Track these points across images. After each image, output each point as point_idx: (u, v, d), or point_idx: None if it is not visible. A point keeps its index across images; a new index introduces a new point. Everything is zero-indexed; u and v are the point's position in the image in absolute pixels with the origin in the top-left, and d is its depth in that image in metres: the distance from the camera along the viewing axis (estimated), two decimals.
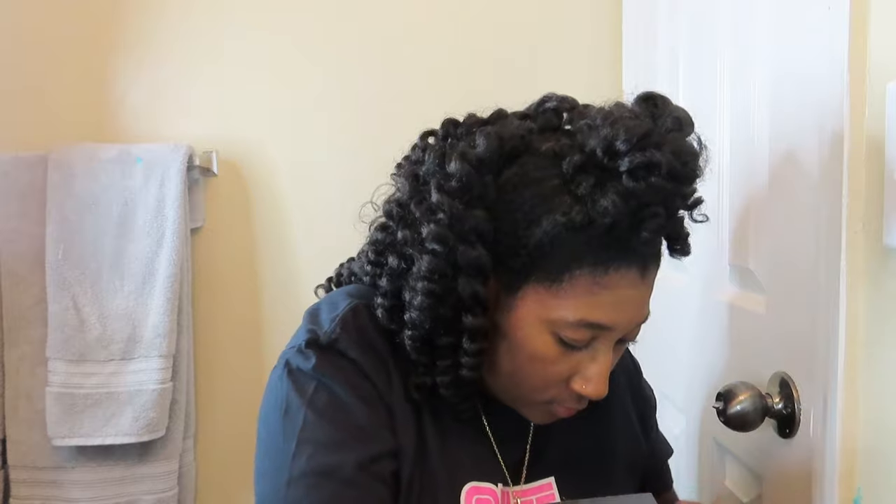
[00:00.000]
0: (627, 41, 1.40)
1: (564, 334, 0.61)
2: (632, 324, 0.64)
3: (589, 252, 0.59)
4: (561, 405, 0.66)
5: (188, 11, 1.46)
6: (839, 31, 0.60)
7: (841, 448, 0.61)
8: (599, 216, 0.57)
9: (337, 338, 0.64)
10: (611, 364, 0.64)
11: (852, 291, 0.60)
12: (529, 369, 0.64)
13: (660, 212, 0.58)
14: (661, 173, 0.56)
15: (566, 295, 0.60)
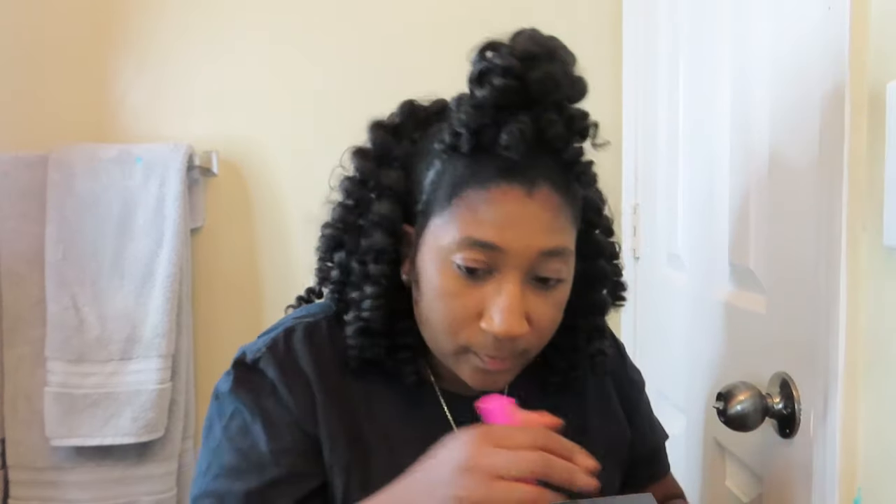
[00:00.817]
0: (627, 41, 1.40)
1: (458, 259, 0.61)
2: (530, 248, 0.60)
3: (468, 173, 0.61)
4: (481, 353, 0.63)
5: (188, 11, 1.46)
6: (839, 31, 0.60)
7: (841, 448, 0.61)
8: (462, 130, 0.60)
9: (260, 357, 0.68)
10: (520, 300, 0.61)
11: (852, 291, 0.60)
12: (438, 308, 0.63)
13: (514, 114, 0.59)
14: (499, 73, 0.58)
15: (454, 218, 0.61)
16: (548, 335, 0.66)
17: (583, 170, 0.65)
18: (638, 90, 1.35)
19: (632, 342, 1.39)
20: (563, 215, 0.62)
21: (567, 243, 0.63)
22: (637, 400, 0.84)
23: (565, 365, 0.74)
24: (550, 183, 0.61)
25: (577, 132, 0.63)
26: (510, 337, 0.61)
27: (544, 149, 0.61)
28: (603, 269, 0.72)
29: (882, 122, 0.56)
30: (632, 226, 1.37)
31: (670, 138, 1.13)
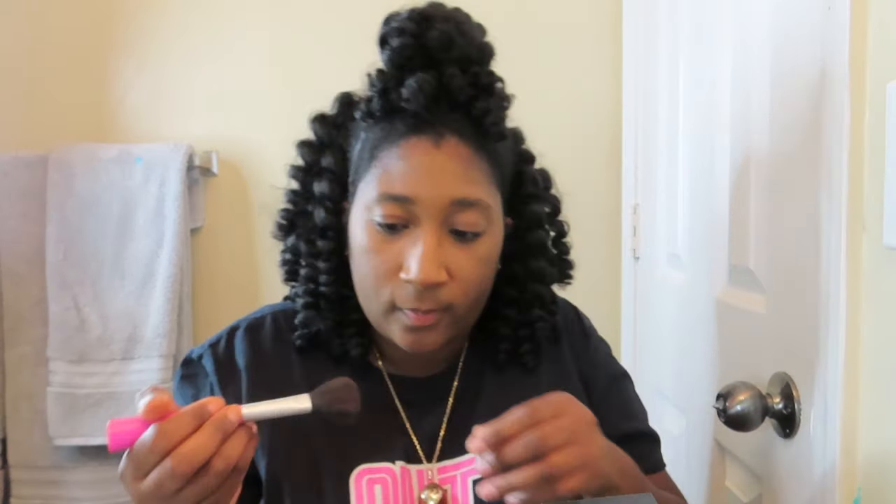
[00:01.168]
0: (627, 41, 1.40)
1: (376, 215, 0.64)
2: (441, 197, 0.63)
3: (383, 134, 0.65)
4: (405, 307, 0.64)
5: (188, 11, 1.46)
6: (839, 31, 0.60)
7: (841, 448, 0.61)
8: (372, 94, 0.66)
9: (203, 354, 0.73)
10: (435, 249, 0.63)
11: (852, 291, 0.60)
12: (363, 266, 0.66)
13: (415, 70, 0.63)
14: (395, 34, 0.64)
15: (373, 178, 0.65)
16: (473, 291, 0.66)
17: (494, 126, 0.66)
18: (638, 90, 1.35)
19: (632, 342, 1.39)
20: (475, 167, 0.64)
21: (482, 195, 0.64)
22: (603, 382, 0.80)
23: (511, 335, 0.74)
24: (458, 136, 0.64)
25: (483, 88, 0.65)
26: (428, 284, 0.62)
27: (450, 105, 0.64)
28: (541, 239, 0.74)
29: (882, 122, 0.56)
30: (632, 226, 1.37)
31: (670, 138, 1.12)
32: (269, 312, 0.77)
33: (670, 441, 1.12)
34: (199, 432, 0.51)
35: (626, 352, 1.42)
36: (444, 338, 0.67)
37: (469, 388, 0.75)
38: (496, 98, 0.66)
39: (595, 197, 1.47)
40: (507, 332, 0.74)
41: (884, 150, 0.56)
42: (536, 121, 1.46)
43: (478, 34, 0.67)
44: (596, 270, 1.47)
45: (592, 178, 1.47)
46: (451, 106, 0.64)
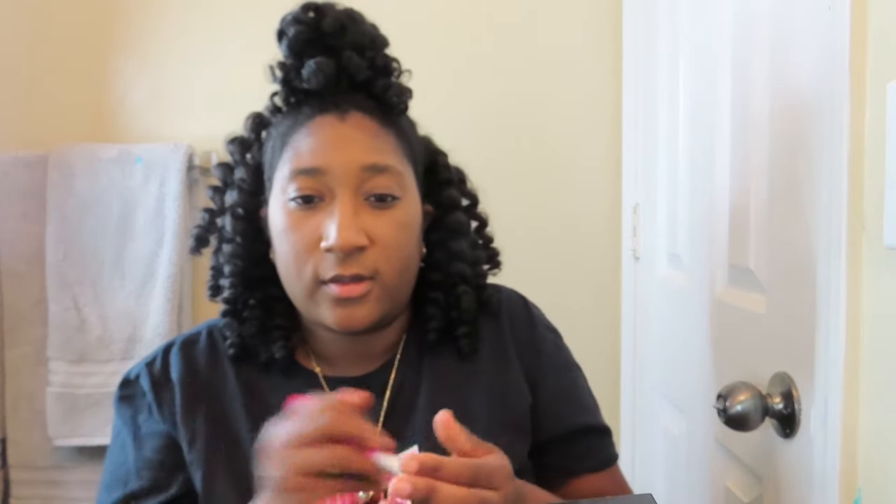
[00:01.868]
0: (627, 41, 1.40)
1: (290, 193, 0.66)
2: (350, 164, 0.65)
3: (291, 122, 0.68)
4: (329, 280, 0.65)
5: (188, 12, 1.46)
6: (839, 31, 0.60)
7: (841, 448, 0.61)
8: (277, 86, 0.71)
9: (139, 374, 0.74)
10: (352, 215, 0.64)
11: (852, 291, 0.60)
12: (284, 248, 0.66)
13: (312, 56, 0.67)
14: (291, 23, 0.69)
15: (285, 163, 0.67)
16: (396, 257, 0.67)
17: (395, 99, 0.70)
18: (638, 90, 1.35)
19: (632, 342, 1.39)
20: (381, 139, 0.67)
21: (391, 162, 0.67)
22: (550, 374, 0.78)
23: (439, 315, 0.74)
24: (363, 111, 0.68)
25: (380, 69, 0.70)
26: (349, 248, 0.63)
27: (351, 86, 0.68)
28: (459, 220, 0.75)
29: (882, 122, 0.56)
30: (632, 226, 1.37)
31: (670, 138, 1.13)
32: (205, 327, 0.77)
33: (670, 441, 1.12)
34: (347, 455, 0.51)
35: (626, 352, 1.42)
36: (375, 311, 0.67)
37: (406, 381, 0.74)
38: (394, 77, 0.71)
39: (595, 197, 1.47)
40: (435, 313, 0.74)
41: (884, 150, 0.56)
42: (536, 121, 1.47)
43: (370, 27, 0.71)
44: (596, 270, 1.47)
45: (592, 178, 1.47)
46: (352, 86, 0.68)
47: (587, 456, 0.77)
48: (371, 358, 0.74)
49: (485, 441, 0.67)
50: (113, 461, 0.73)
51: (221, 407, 0.71)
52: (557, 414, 0.77)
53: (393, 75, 0.71)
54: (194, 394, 0.72)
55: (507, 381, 0.76)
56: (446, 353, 0.75)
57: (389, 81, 0.70)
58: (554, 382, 0.78)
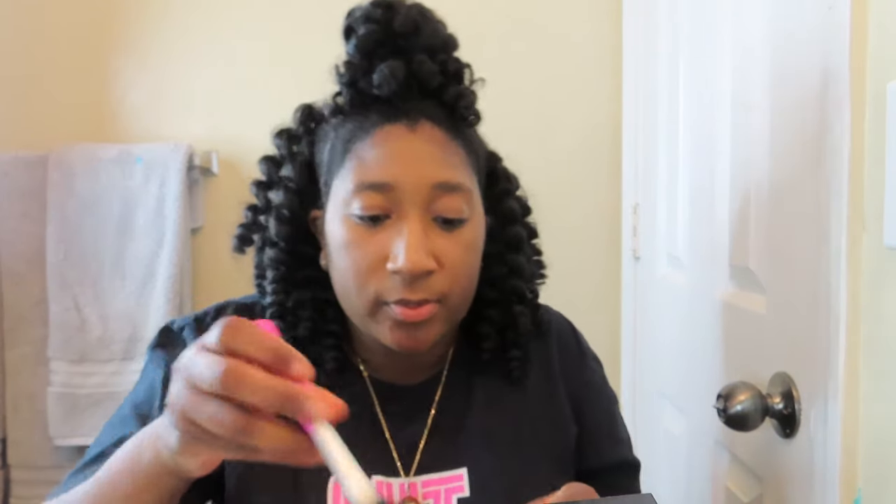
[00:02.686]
0: (627, 41, 1.40)
1: (355, 208, 0.61)
2: (421, 181, 0.61)
3: (355, 127, 0.64)
4: (393, 301, 0.61)
5: (188, 12, 1.46)
6: (839, 31, 0.60)
7: (841, 448, 0.61)
8: (341, 87, 0.66)
9: (185, 326, 0.70)
10: (422, 236, 0.60)
11: (852, 291, 0.60)
12: (344, 264, 0.62)
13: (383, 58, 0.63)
14: (361, 22, 0.64)
15: (348, 172, 0.63)
16: (463, 280, 0.64)
17: (467, 110, 0.66)
18: (638, 90, 1.35)
19: (632, 342, 1.39)
20: (452, 152, 0.63)
21: (462, 179, 0.63)
22: (596, 408, 0.78)
23: (493, 335, 0.71)
24: (433, 121, 0.63)
25: (452, 75, 0.65)
26: (418, 272, 0.59)
27: (422, 92, 0.64)
28: (518, 233, 0.72)
29: (882, 122, 0.56)
30: (632, 226, 1.37)
31: (670, 138, 1.13)
32: (260, 300, 0.73)
33: (670, 441, 1.12)
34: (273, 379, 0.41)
35: (626, 352, 1.42)
36: (436, 334, 0.64)
37: (453, 399, 0.71)
38: (466, 85, 0.67)
39: (595, 197, 1.47)
40: (489, 332, 0.71)
41: (884, 150, 0.56)
42: (537, 121, 1.47)
43: (441, 26, 0.66)
44: (596, 270, 1.47)
45: (592, 178, 1.47)
46: (423, 93, 0.64)
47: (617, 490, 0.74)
48: (418, 370, 0.71)
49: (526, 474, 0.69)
50: (137, 396, 0.68)
51: None
52: (598, 447, 0.76)
53: (464, 82, 0.67)
54: None
55: (554, 408, 0.74)
56: (495, 374, 0.72)
57: (461, 89, 0.66)
58: (598, 415, 0.77)
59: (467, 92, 0.66)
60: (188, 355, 0.43)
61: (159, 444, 0.48)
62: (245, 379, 0.41)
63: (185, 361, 0.43)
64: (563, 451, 0.74)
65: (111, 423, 0.67)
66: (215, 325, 0.43)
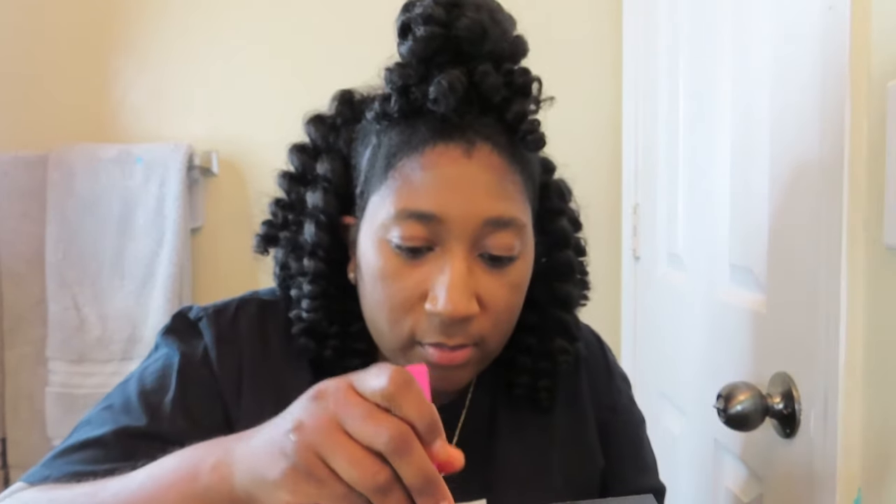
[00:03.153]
0: (627, 41, 1.40)
1: (394, 236, 0.55)
2: (472, 215, 0.54)
3: (402, 140, 0.56)
4: (428, 342, 0.56)
5: (188, 12, 1.46)
6: (839, 31, 0.60)
7: (841, 448, 0.61)
8: (390, 92, 0.57)
9: (203, 317, 0.65)
10: (466, 276, 0.54)
11: (852, 291, 0.60)
12: (378, 294, 0.57)
13: (442, 65, 0.55)
14: (421, 22, 0.55)
15: (390, 191, 0.56)
16: (505, 323, 0.59)
17: (529, 131, 0.57)
18: (638, 90, 1.35)
19: (632, 342, 1.39)
20: (509, 180, 0.56)
21: (516, 213, 0.57)
22: (623, 432, 0.73)
23: (529, 366, 0.66)
24: (491, 144, 0.56)
25: (518, 89, 0.58)
26: (458, 318, 0.54)
27: (482, 107, 0.56)
28: (570, 260, 0.66)
29: (882, 122, 0.56)
30: (632, 226, 1.37)
31: (670, 138, 1.12)
32: (283, 297, 0.66)
33: (670, 441, 1.12)
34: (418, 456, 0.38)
35: (626, 352, 1.41)
36: (470, 376, 0.60)
37: (476, 426, 0.67)
38: (532, 101, 0.59)
39: (595, 197, 1.46)
40: (525, 362, 0.65)
41: (884, 150, 0.56)
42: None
43: (510, 26, 0.59)
44: (596, 270, 1.46)
45: (592, 178, 1.47)
46: (483, 108, 0.56)
47: None
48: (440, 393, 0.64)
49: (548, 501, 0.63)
50: (144, 381, 0.62)
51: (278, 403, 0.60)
52: (624, 476, 0.72)
53: (530, 97, 0.59)
54: (260, 375, 0.62)
55: (583, 439, 0.70)
56: (521, 402, 0.67)
57: (525, 108, 0.58)
58: (624, 441, 0.73)
59: (532, 111, 0.59)
60: (336, 387, 0.40)
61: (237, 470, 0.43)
62: (413, 450, 0.37)
63: (333, 395, 0.39)
64: (587, 483, 0.70)
65: (111, 408, 0.60)
66: (381, 371, 0.38)
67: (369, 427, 0.37)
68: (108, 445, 0.57)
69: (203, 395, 0.61)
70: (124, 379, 0.64)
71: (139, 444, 0.57)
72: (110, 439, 0.57)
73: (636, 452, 0.74)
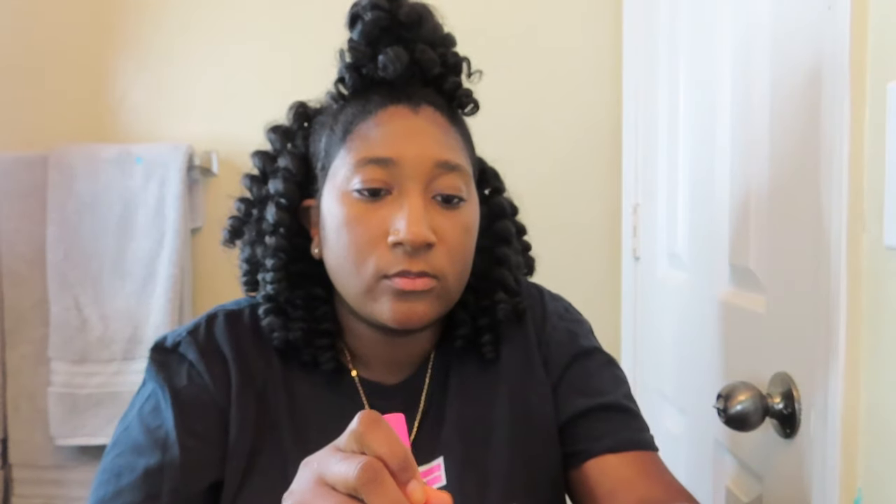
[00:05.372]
0: (627, 41, 1.40)
1: (356, 183, 0.63)
2: (423, 158, 0.63)
3: (357, 110, 0.66)
4: (394, 272, 0.61)
5: (188, 12, 1.46)
6: (839, 31, 0.60)
7: (841, 448, 0.61)
8: (344, 72, 0.68)
9: (180, 341, 0.69)
10: (423, 210, 0.62)
11: (852, 291, 0.60)
12: (344, 240, 0.63)
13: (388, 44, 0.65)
14: (368, 8, 0.65)
15: (348, 152, 0.64)
16: (460, 261, 0.65)
17: (466, 97, 0.70)
18: (638, 90, 1.35)
19: (632, 342, 1.39)
20: (452, 135, 0.66)
21: (461, 161, 0.65)
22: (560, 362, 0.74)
23: (468, 320, 0.72)
24: (434, 106, 0.66)
25: (451, 67, 0.69)
26: (419, 243, 0.61)
27: (423, 79, 0.67)
28: (506, 227, 0.74)
29: (882, 122, 0.56)
30: (632, 226, 1.37)
31: (670, 138, 1.13)
32: (247, 305, 0.73)
33: (670, 441, 1.12)
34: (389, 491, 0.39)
35: (626, 352, 1.42)
36: (433, 310, 0.64)
37: (435, 393, 0.72)
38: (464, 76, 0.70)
39: (595, 197, 1.47)
40: (463, 316, 0.72)
41: (884, 150, 0.56)
42: (537, 121, 1.47)
43: (441, 23, 0.69)
44: (596, 270, 1.47)
45: (592, 178, 1.47)
46: (424, 80, 0.67)
47: (603, 435, 0.69)
48: (405, 365, 0.72)
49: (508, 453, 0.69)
50: (145, 424, 0.65)
51: (266, 398, 0.68)
52: (569, 400, 0.72)
53: (462, 75, 0.71)
54: (246, 373, 0.68)
55: (529, 384, 0.73)
56: (470, 361, 0.73)
57: (460, 80, 0.70)
58: (565, 371, 0.74)
59: (464, 85, 0.70)
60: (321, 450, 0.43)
61: None
62: (383, 481, 0.39)
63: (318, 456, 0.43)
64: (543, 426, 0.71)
65: (123, 454, 0.64)
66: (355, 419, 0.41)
67: (342, 468, 0.40)
68: (133, 491, 0.61)
69: (201, 411, 0.66)
70: (123, 423, 0.67)
71: (161, 480, 0.61)
72: (133, 486, 0.61)
73: (579, 377, 0.73)
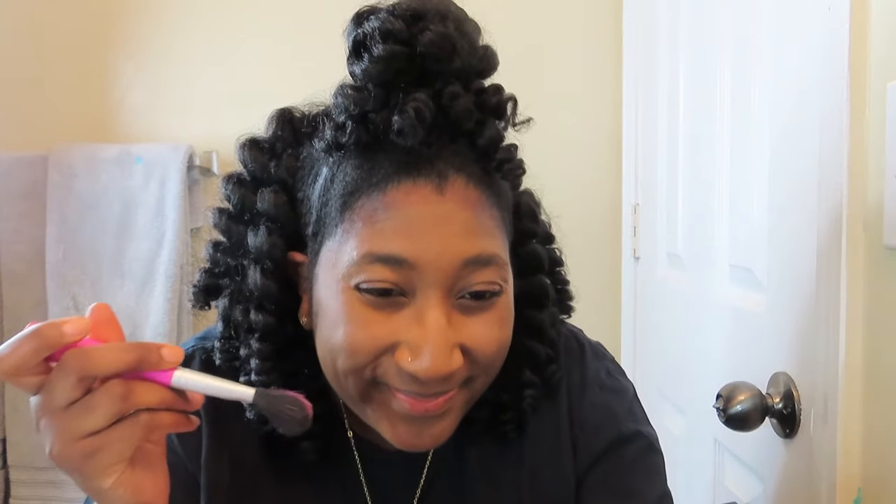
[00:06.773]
0: (627, 41, 1.40)
1: (359, 282, 0.47)
2: (448, 259, 0.47)
3: (360, 175, 0.49)
4: (398, 390, 0.49)
5: (188, 12, 1.46)
6: (839, 31, 0.60)
7: (841, 448, 0.61)
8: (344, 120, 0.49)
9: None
10: (445, 329, 0.47)
11: (852, 291, 0.60)
12: (339, 339, 0.49)
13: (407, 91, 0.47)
14: (379, 39, 0.47)
15: (350, 233, 0.48)
16: (496, 361, 0.52)
17: (506, 158, 0.51)
18: (638, 90, 1.35)
19: (632, 342, 1.39)
20: (487, 215, 0.49)
21: (497, 250, 0.50)
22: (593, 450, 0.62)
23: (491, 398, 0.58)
24: (465, 175, 0.49)
25: (491, 110, 0.50)
26: (438, 378, 0.48)
27: (452, 133, 0.49)
28: (542, 285, 0.60)
29: (882, 122, 0.56)
30: (632, 226, 1.37)
31: (670, 138, 1.13)
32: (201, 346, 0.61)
33: (670, 441, 1.12)
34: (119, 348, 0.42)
35: (627, 352, 1.42)
36: (451, 428, 0.52)
37: (443, 466, 0.61)
38: (507, 122, 0.52)
39: (595, 197, 1.47)
40: (485, 395, 0.56)
41: (884, 151, 0.56)
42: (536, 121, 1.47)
43: (477, 35, 0.52)
44: (596, 270, 1.47)
45: (592, 178, 1.47)
46: (453, 135, 0.49)
47: None
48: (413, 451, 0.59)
49: None
50: None
51: (242, 459, 0.59)
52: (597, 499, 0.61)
53: (504, 118, 0.52)
54: (219, 436, 0.58)
55: (554, 471, 0.62)
56: (490, 436, 0.60)
57: (500, 133, 0.51)
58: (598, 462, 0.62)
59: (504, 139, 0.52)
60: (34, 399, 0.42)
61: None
62: (89, 353, 0.40)
63: (32, 405, 0.42)
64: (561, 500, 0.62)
65: None
66: None
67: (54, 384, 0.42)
68: None
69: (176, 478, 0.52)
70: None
71: None
72: None
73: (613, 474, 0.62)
